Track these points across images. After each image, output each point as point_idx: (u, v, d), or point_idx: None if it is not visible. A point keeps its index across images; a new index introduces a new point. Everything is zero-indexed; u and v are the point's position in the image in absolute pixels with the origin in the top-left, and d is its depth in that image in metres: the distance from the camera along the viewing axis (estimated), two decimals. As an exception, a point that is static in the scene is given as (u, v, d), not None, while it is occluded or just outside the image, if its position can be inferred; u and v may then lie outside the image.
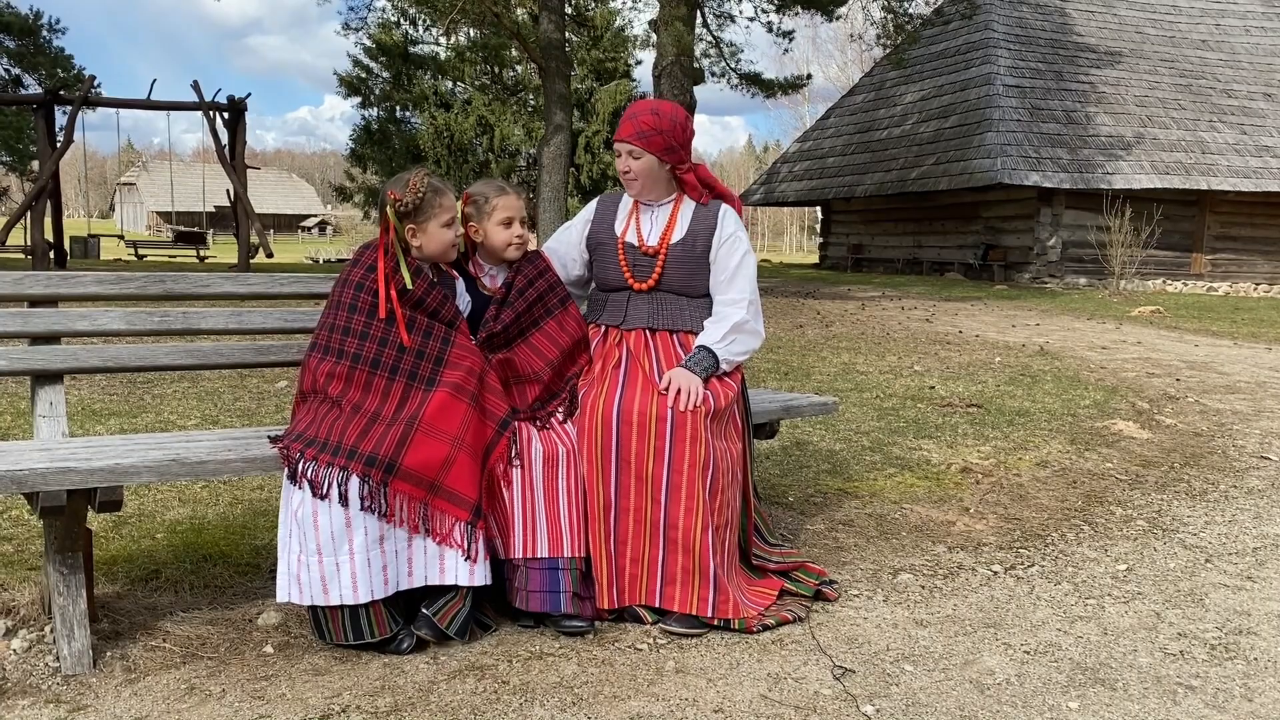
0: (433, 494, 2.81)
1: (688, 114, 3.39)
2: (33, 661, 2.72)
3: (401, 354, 2.91)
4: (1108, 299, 17.66)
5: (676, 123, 3.28)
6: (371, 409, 2.87)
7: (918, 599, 3.42)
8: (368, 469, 2.75)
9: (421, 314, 2.99)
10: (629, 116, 3.30)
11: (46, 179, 17.71)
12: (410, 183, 3.00)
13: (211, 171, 41.19)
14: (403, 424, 2.83)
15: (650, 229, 3.36)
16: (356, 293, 2.97)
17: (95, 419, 5.42)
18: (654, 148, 3.26)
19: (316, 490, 2.75)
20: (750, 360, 8.21)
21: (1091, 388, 7.67)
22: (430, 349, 2.94)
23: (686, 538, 3.04)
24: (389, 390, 2.89)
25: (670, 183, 3.37)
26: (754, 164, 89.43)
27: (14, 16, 22.87)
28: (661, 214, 3.37)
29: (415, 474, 2.78)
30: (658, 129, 3.24)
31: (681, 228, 3.33)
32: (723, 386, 3.21)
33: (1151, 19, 25.60)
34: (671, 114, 3.29)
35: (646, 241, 3.34)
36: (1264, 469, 5.44)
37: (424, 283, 3.01)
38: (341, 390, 2.90)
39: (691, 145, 3.37)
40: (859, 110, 27.83)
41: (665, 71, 15.72)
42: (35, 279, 3.05)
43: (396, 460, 2.77)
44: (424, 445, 2.81)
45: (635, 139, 3.26)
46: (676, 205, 3.38)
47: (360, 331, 2.93)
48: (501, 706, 2.58)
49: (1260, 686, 2.83)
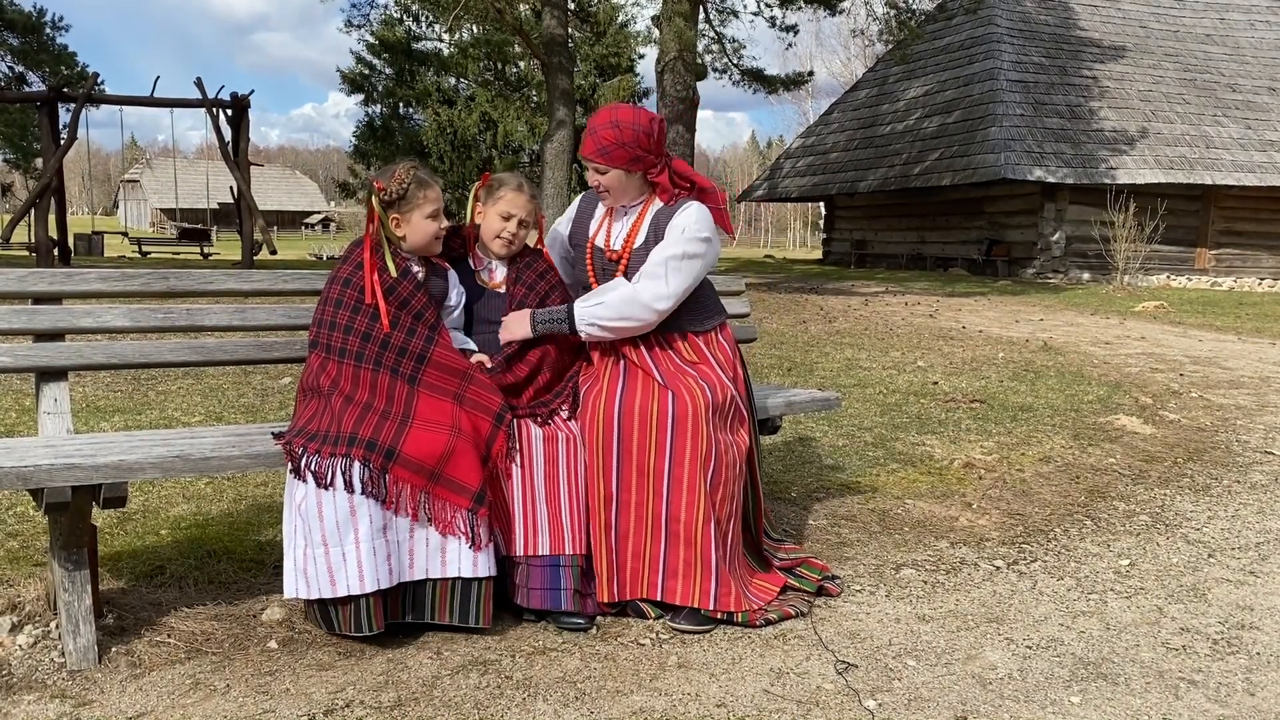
0: (434, 483, 2.83)
1: (652, 117, 3.21)
2: (38, 657, 2.73)
3: (384, 349, 2.93)
4: (1112, 294, 17.63)
5: (639, 131, 3.15)
6: (363, 401, 2.90)
7: (920, 594, 3.42)
8: (368, 453, 2.78)
9: (393, 303, 2.99)
10: (590, 131, 3.19)
11: (50, 176, 17.73)
12: (395, 173, 3.03)
13: (215, 168, 41.22)
14: (398, 417, 2.87)
15: (619, 233, 3.32)
16: (344, 289, 3.00)
17: (100, 415, 5.43)
18: (618, 161, 3.17)
19: (320, 481, 2.77)
20: (753, 356, 8.23)
21: (1095, 383, 7.66)
22: (413, 346, 2.95)
23: (688, 530, 3.04)
24: (376, 384, 2.92)
25: (644, 185, 3.29)
26: (758, 160, 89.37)
27: (18, 14, 22.90)
28: (630, 217, 3.32)
29: (415, 462, 2.80)
30: (619, 142, 3.14)
31: (644, 231, 3.27)
32: (719, 380, 3.20)
33: (1155, 13, 25.54)
34: (633, 123, 3.15)
35: (612, 246, 3.31)
36: (1267, 464, 5.43)
37: (397, 271, 3.02)
38: (332, 384, 2.93)
39: (663, 144, 3.26)
40: (862, 106, 27.80)
41: (668, 67, 15.71)
42: (40, 276, 3.05)
43: (396, 447, 2.80)
44: (422, 436, 2.84)
45: (598, 156, 3.17)
46: (644, 208, 3.30)
47: (345, 325, 2.96)
48: (505, 701, 2.58)
49: (1262, 681, 2.84)
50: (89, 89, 18.18)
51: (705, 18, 18.53)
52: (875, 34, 20.25)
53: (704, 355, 3.28)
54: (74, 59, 23.90)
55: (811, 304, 14.23)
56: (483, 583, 2.93)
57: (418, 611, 2.94)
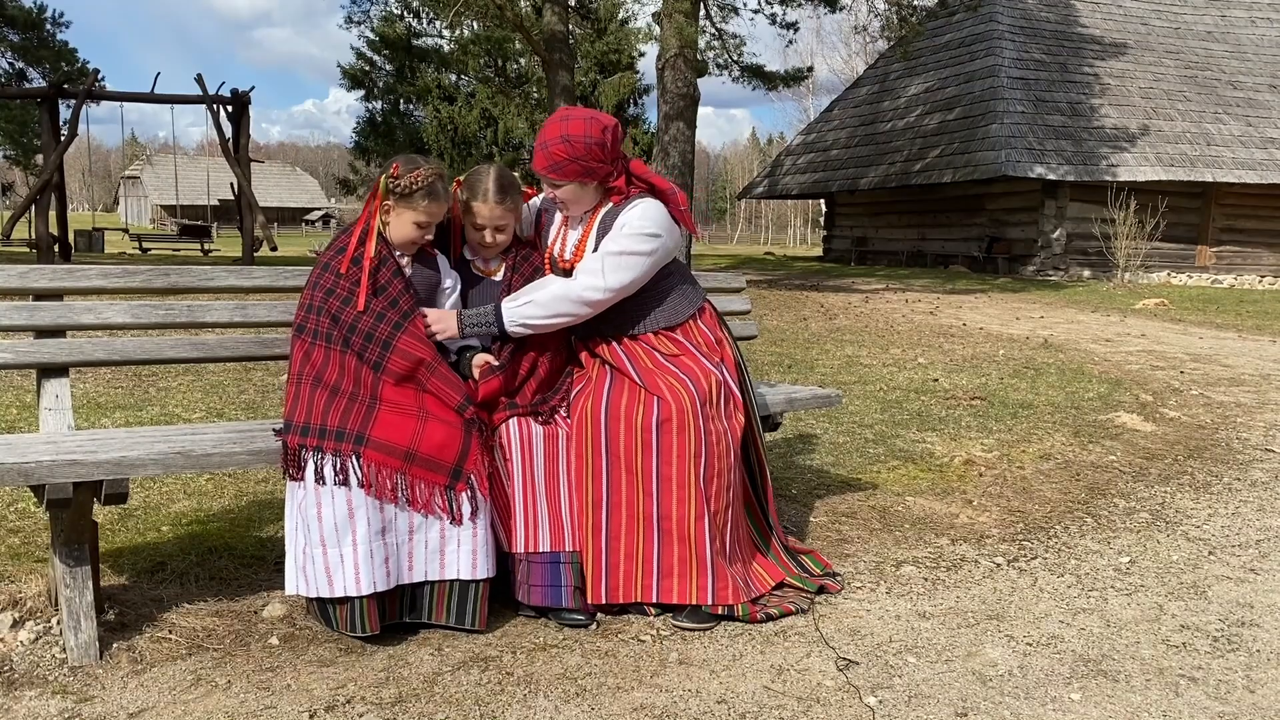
0: (409, 463, 2.83)
1: (604, 126, 3.12)
2: (40, 653, 2.73)
3: (351, 333, 2.93)
4: (1112, 292, 17.63)
5: (591, 144, 3.07)
6: (331, 381, 2.90)
7: (921, 591, 3.42)
8: (338, 444, 2.79)
9: (369, 287, 2.99)
10: (541, 145, 3.11)
11: (51, 173, 17.74)
12: (416, 171, 3.01)
13: (215, 165, 41.20)
14: (365, 400, 2.88)
15: (573, 241, 3.27)
16: (322, 272, 3.02)
17: (101, 412, 5.43)
18: (570, 175, 3.11)
19: (296, 474, 2.80)
20: (754, 353, 8.22)
21: (1095, 380, 7.66)
22: (379, 333, 2.94)
23: (680, 528, 3.04)
24: (344, 365, 2.92)
25: (600, 193, 3.23)
26: (758, 156, 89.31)
27: (18, 10, 22.90)
28: (583, 224, 3.27)
29: (386, 444, 2.81)
30: (571, 157, 3.07)
31: (593, 237, 3.22)
32: (702, 369, 3.16)
33: (1156, 10, 25.52)
34: (584, 135, 3.07)
35: (565, 255, 3.28)
36: (1268, 461, 5.43)
37: (377, 259, 3.02)
38: (306, 365, 2.94)
39: (618, 150, 3.19)
40: (863, 102, 27.78)
41: (669, 64, 15.70)
42: (40, 273, 3.06)
43: (365, 432, 2.81)
44: (390, 419, 2.84)
45: (550, 171, 3.11)
46: (594, 213, 3.24)
47: (318, 307, 2.97)
48: (506, 698, 2.59)
49: (1262, 678, 2.84)
50: (90, 85, 18.19)
51: (706, 14, 18.51)
52: (877, 29, 20.24)
53: (684, 346, 3.24)
54: (75, 55, 23.89)
55: (812, 301, 14.23)
56: (480, 585, 2.93)
57: (416, 612, 2.95)
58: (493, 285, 3.28)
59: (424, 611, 2.95)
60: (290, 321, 3.28)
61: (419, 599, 2.94)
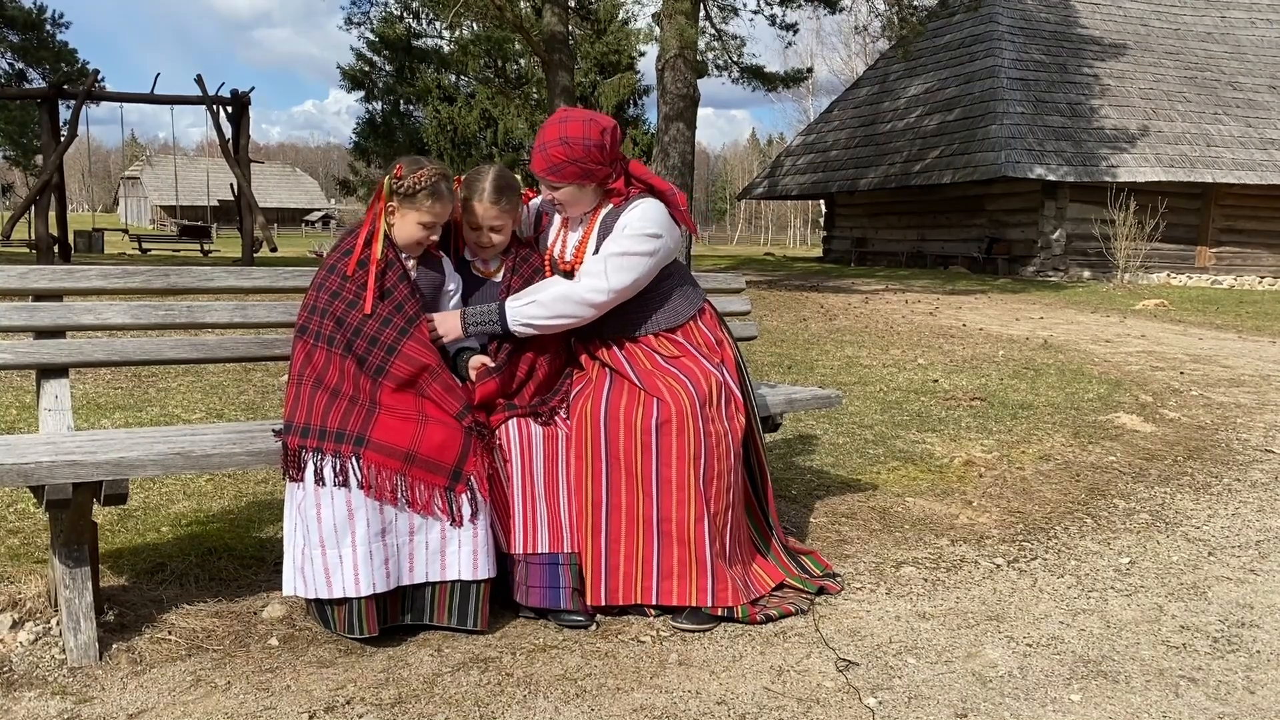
0: (409, 465, 2.82)
1: (603, 128, 3.11)
2: (39, 653, 2.73)
3: (355, 336, 2.92)
4: (1112, 292, 17.63)
5: (590, 146, 3.06)
6: (332, 384, 2.90)
7: (920, 592, 3.42)
8: (338, 445, 2.79)
9: (375, 290, 2.99)
10: (539, 147, 3.10)
11: (51, 173, 17.74)
12: (420, 171, 3.01)
13: (215, 165, 41.20)
14: (365, 404, 2.87)
15: (573, 243, 3.27)
16: (328, 274, 3.01)
17: (100, 412, 5.43)
18: (568, 178, 3.10)
19: (296, 475, 2.80)
20: (754, 354, 8.22)
21: (1095, 381, 7.66)
22: (384, 337, 2.94)
23: (680, 530, 3.04)
24: (344, 369, 2.91)
25: (599, 194, 3.22)
26: (758, 157, 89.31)
27: (18, 10, 22.91)
28: (584, 226, 3.26)
29: (386, 445, 2.80)
30: (570, 159, 3.06)
31: (594, 239, 3.22)
32: (702, 369, 3.16)
33: (1156, 11, 25.53)
34: (583, 138, 3.06)
35: (565, 257, 3.27)
36: (1268, 462, 5.43)
37: (383, 262, 3.02)
38: (303, 364, 2.93)
39: (616, 151, 3.18)
40: (863, 103, 27.79)
41: (669, 64, 15.70)
42: (40, 273, 3.06)
43: (365, 433, 2.80)
44: (390, 422, 2.84)
45: (548, 173, 3.10)
46: (595, 215, 3.23)
47: (323, 309, 2.96)
48: (505, 699, 2.59)
49: (1262, 679, 2.84)
50: (89, 86, 18.19)
51: (706, 15, 18.52)
52: (878, 30, 20.25)
53: (684, 348, 3.24)
54: (74, 56, 23.91)
55: (812, 302, 14.23)
56: (481, 585, 2.93)
57: (416, 613, 2.95)
58: (493, 286, 3.28)
59: (425, 613, 2.94)
60: (290, 322, 3.28)
61: (419, 600, 2.94)
